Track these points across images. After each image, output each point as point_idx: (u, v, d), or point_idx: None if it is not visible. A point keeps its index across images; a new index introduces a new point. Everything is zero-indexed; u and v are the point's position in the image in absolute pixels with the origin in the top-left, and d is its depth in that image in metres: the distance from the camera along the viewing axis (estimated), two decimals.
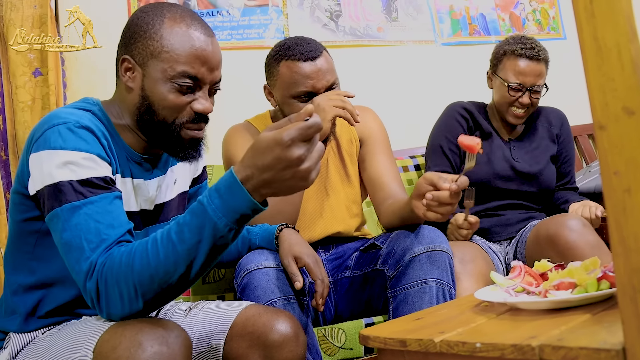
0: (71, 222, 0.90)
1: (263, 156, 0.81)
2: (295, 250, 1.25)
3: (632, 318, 0.57)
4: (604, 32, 0.58)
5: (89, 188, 0.92)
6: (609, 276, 0.89)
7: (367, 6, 2.49)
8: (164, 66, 0.99)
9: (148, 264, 0.85)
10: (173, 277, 0.86)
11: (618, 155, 0.57)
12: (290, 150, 0.79)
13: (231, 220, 0.83)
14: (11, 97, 1.83)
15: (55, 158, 0.93)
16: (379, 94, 2.41)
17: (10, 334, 1.04)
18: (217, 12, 2.28)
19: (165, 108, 1.01)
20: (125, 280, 0.86)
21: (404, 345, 0.84)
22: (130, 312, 0.88)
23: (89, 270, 0.88)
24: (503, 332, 0.81)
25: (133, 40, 1.02)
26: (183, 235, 0.84)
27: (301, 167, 0.81)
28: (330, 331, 1.43)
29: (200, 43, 1.00)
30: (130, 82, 1.03)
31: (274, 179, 0.81)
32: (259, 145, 0.81)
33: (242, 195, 0.82)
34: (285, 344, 1.04)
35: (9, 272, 1.08)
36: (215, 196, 0.83)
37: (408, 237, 1.31)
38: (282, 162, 0.80)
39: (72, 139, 0.94)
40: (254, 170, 0.82)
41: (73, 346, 0.89)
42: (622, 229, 0.57)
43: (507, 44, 1.80)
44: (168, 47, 0.99)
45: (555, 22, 2.79)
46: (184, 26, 1.01)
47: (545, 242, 1.52)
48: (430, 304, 1.24)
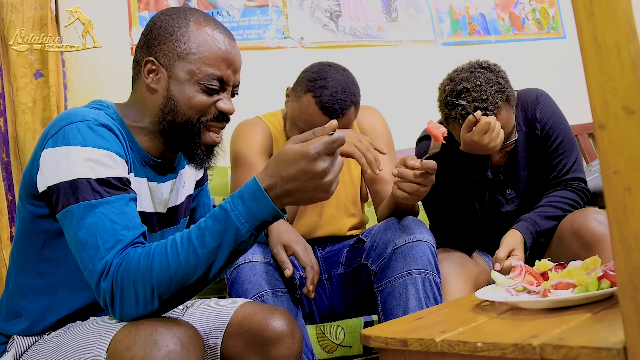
0: (87, 221, 0.90)
1: (288, 167, 0.84)
2: (284, 239, 1.26)
3: (633, 317, 0.57)
4: (604, 32, 0.58)
5: (106, 188, 0.92)
6: (609, 275, 0.89)
7: (367, 6, 2.49)
8: (191, 67, 1.01)
9: (168, 265, 0.86)
10: (191, 280, 0.87)
11: (618, 154, 0.57)
12: (316, 163, 0.83)
13: (253, 226, 0.86)
14: (12, 98, 1.84)
15: (74, 154, 0.92)
16: (379, 94, 2.41)
17: (14, 337, 1.04)
18: (217, 12, 2.28)
19: (191, 108, 1.02)
20: (142, 281, 0.86)
21: (405, 345, 0.84)
22: (144, 313, 0.88)
23: (103, 270, 0.88)
24: (504, 331, 0.82)
25: (157, 42, 1.03)
26: (204, 239, 0.86)
27: (325, 179, 0.85)
28: (328, 328, 1.43)
29: (226, 46, 1.04)
30: (154, 84, 1.04)
31: (298, 189, 0.85)
32: (284, 156, 0.85)
33: (265, 203, 0.85)
34: (281, 341, 1.05)
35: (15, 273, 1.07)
36: (239, 202, 0.86)
37: (389, 230, 1.32)
38: (307, 174, 0.84)
39: (92, 136, 0.94)
40: (277, 180, 0.85)
41: (85, 346, 0.89)
42: (622, 228, 0.57)
43: (447, 107, 1.45)
44: (195, 49, 1.01)
45: (555, 21, 2.79)
46: (210, 30, 1.03)
47: (571, 236, 1.43)
48: (416, 294, 1.24)
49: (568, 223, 1.46)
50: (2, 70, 1.84)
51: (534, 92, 1.58)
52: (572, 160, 1.56)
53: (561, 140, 1.55)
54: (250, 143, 1.51)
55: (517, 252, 1.42)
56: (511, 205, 1.60)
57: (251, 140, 1.52)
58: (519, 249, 1.43)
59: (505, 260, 1.40)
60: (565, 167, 1.56)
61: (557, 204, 1.51)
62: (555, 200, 1.52)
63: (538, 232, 1.48)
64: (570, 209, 1.51)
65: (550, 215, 1.50)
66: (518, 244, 1.43)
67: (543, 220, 1.49)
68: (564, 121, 1.58)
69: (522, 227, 1.47)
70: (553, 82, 1.73)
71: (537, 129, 1.56)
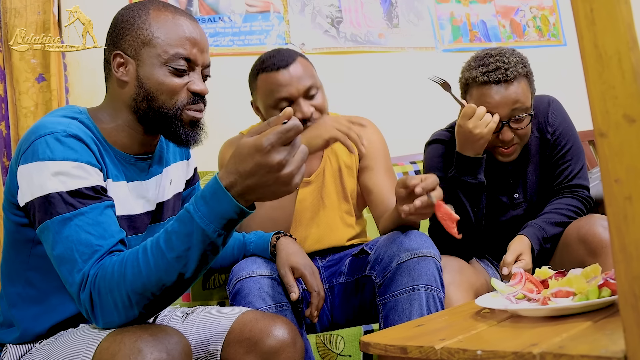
0: (62, 235, 0.90)
1: (244, 163, 0.81)
2: (292, 261, 1.25)
3: (634, 325, 0.57)
4: (605, 40, 0.58)
5: (79, 199, 0.92)
6: (610, 283, 0.89)
7: (368, 13, 2.50)
8: (157, 51, 1.02)
9: (139, 272, 0.85)
10: (167, 284, 0.86)
11: (619, 162, 0.57)
12: (270, 155, 0.80)
13: (219, 225, 0.83)
14: (14, 102, 1.84)
15: (44, 169, 0.92)
16: (380, 100, 2.41)
17: (7, 346, 1.04)
18: (218, 18, 2.28)
19: (163, 92, 1.02)
20: (118, 290, 0.86)
21: (405, 352, 0.84)
22: (127, 319, 0.88)
23: (82, 282, 0.88)
24: (504, 339, 0.81)
25: (121, 35, 1.05)
26: (171, 243, 0.85)
27: (283, 172, 0.81)
28: (328, 338, 1.42)
29: (188, 26, 1.05)
30: (124, 76, 1.04)
31: (257, 184, 0.82)
32: (240, 151, 0.82)
33: (227, 201, 0.82)
34: (282, 350, 1.03)
35: (5, 284, 1.07)
36: (201, 203, 0.84)
37: (394, 244, 1.30)
38: (263, 167, 0.80)
39: (60, 149, 0.94)
40: (237, 177, 0.82)
41: (72, 354, 0.89)
42: (623, 237, 0.57)
43: (468, 69, 1.49)
44: (158, 33, 1.02)
45: (556, 28, 2.80)
46: (170, 14, 1.05)
47: (577, 242, 1.42)
48: (420, 310, 1.23)
49: (574, 229, 1.45)
50: (5, 75, 1.84)
51: (545, 98, 1.60)
52: (578, 167, 1.57)
53: (570, 147, 1.56)
54: None
55: (525, 257, 1.41)
56: (518, 210, 1.59)
57: None
58: (527, 254, 1.42)
59: (513, 264, 1.39)
60: (571, 173, 1.56)
61: (562, 210, 1.52)
62: (559, 207, 1.52)
63: (545, 237, 1.47)
64: (574, 216, 1.51)
65: (556, 221, 1.50)
66: (525, 249, 1.43)
67: (549, 226, 1.49)
68: (573, 129, 1.60)
69: (529, 232, 1.47)
70: (554, 90, 1.71)
71: (549, 134, 1.56)
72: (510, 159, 1.53)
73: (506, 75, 1.42)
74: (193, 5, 2.25)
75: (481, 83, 1.45)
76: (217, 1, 2.29)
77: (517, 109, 1.45)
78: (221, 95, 2.22)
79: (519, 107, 1.44)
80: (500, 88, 1.43)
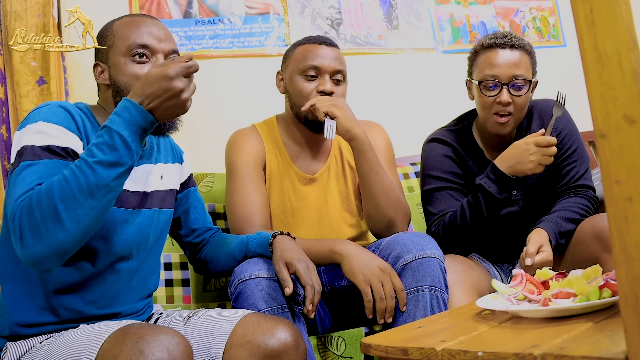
0: (19, 176, 0.98)
1: (152, 87, 0.98)
2: (287, 256, 1.26)
3: (635, 327, 0.57)
4: (605, 41, 0.58)
5: (47, 153, 1.02)
6: (611, 284, 0.89)
7: (368, 14, 2.50)
8: (120, 49, 1.15)
9: (67, 182, 0.93)
10: (94, 188, 0.93)
11: (619, 163, 0.57)
12: (174, 82, 0.97)
13: (131, 132, 0.97)
14: (15, 106, 1.84)
15: (29, 129, 1.04)
16: (380, 102, 2.41)
17: (7, 344, 1.04)
18: (218, 20, 2.29)
19: (130, 84, 1.12)
20: (47, 202, 0.92)
21: (406, 354, 0.84)
22: (57, 236, 0.92)
23: (13, 213, 0.93)
24: (505, 340, 0.81)
25: (96, 50, 1.19)
26: (92, 152, 0.95)
27: (182, 97, 0.99)
28: (329, 339, 1.42)
29: (143, 20, 1.18)
30: (105, 81, 1.17)
31: (159, 106, 0.99)
32: (148, 78, 0.99)
33: (137, 110, 0.97)
34: (285, 353, 1.03)
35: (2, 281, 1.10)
36: (115, 118, 0.97)
37: (398, 245, 1.30)
38: (167, 92, 0.98)
39: (48, 113, 1.06)
40: (143, 99, 0.98)
41: (74, 355, 0.89)
42: (623, 238, 0.57)
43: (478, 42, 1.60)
44: (118, 34, 1.16)
45: (556, 29, 2.80)
46: (128, 17, 1.20)
47: (592, 238, 1.42)
48: (424, 311, 1.23)
49: (589, 226, 1.45)
50: (6, 78, 1.85)
51: (551, 102, 1.63)
52: (583, 169, 1.61)
53: (575, 149, 1.60)
54: (244, 154, 1.52)
55: (546, 248, 1.41)
56: (515, 207, 1.60)
57: (245, 151, 1.53)
58: (547, 246, 1.42)
59: (535, 255, 1.39)
60: (577, 174, 1.59)
61: (574, 208, 1.53)
62: (571, 206, 1.54)
63: (560, 232, 1.49)
64: (585, 215, 1.52)
65: (570, 217, 1.51)
66: (545, 241, 1.44)
67: (564, 222, 1.50)
68: (577, 131, 1.63)
69: (547, 226, 1.48)
70: (553, 90, 1.73)
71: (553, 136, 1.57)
72: (504, 132, 1.55)
73: (512, 42, 1.52)
74: (193, 8, 2.25)
75: (487, 46, 1.54)
76: (217, 3, 2.29)
77: (518, 76, 1.50)
78: (221, 97, 2.22)
79: (520, 75, 1.50)
80: (505, 52, 1.52)
